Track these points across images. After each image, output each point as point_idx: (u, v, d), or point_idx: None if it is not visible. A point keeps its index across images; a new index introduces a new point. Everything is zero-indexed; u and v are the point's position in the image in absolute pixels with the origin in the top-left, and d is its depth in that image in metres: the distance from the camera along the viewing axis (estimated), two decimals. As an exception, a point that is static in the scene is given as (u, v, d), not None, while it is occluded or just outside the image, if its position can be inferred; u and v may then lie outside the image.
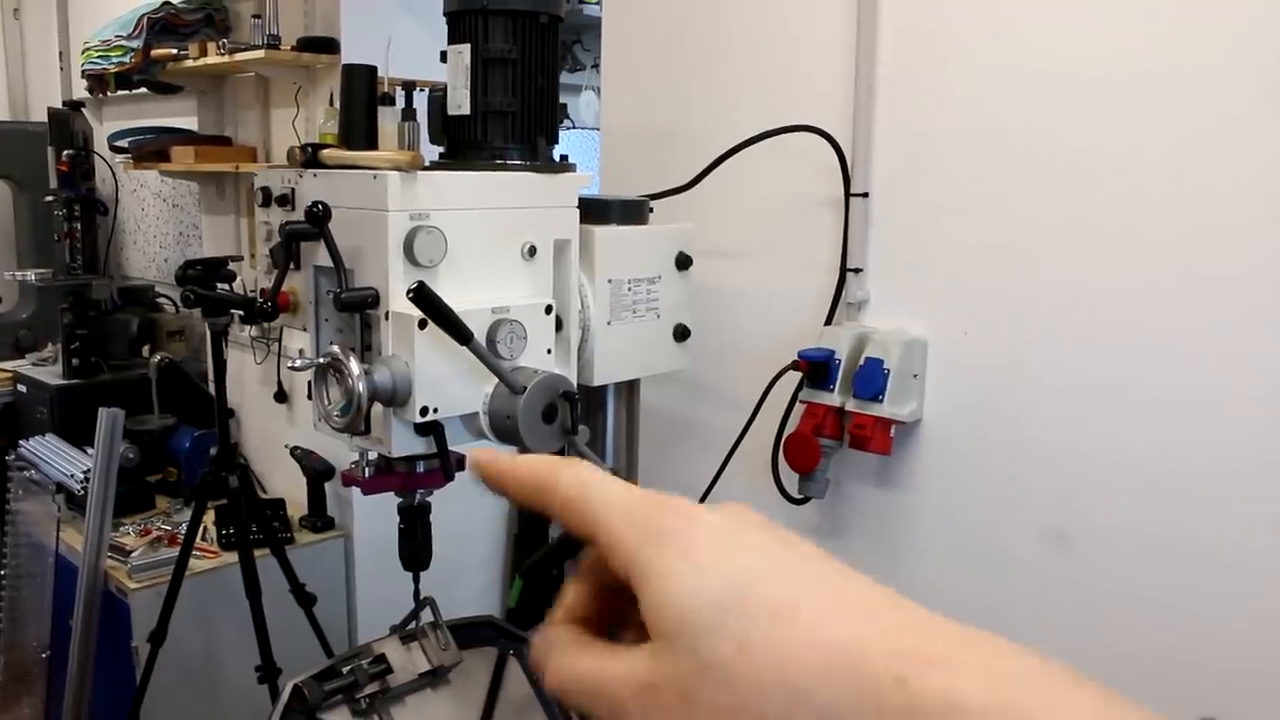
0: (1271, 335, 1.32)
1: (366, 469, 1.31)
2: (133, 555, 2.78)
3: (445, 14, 1.37)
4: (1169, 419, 1.41)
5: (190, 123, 3.54)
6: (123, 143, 3.47)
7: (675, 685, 0.32)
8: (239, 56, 2.92)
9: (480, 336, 1.19)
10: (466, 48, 1.34)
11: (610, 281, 1.44)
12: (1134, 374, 1.43)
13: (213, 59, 3.01)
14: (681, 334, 1.55)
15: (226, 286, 2.39)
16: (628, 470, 1.59)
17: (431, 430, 1.23)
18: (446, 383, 1.20)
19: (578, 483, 0.39)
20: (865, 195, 1.69)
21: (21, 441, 3.24)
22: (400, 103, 1.44)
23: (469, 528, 3.22)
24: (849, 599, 0.33)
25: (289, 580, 2.54)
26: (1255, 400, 1.33)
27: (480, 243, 1.26)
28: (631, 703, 0.34)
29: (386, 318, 1.19)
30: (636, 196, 1.56)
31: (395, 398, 1.18)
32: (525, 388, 1.20)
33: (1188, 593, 1.40)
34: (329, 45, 2.89)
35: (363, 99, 1.41)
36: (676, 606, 0.33)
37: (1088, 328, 1.47)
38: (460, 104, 1.36)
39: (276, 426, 3.30)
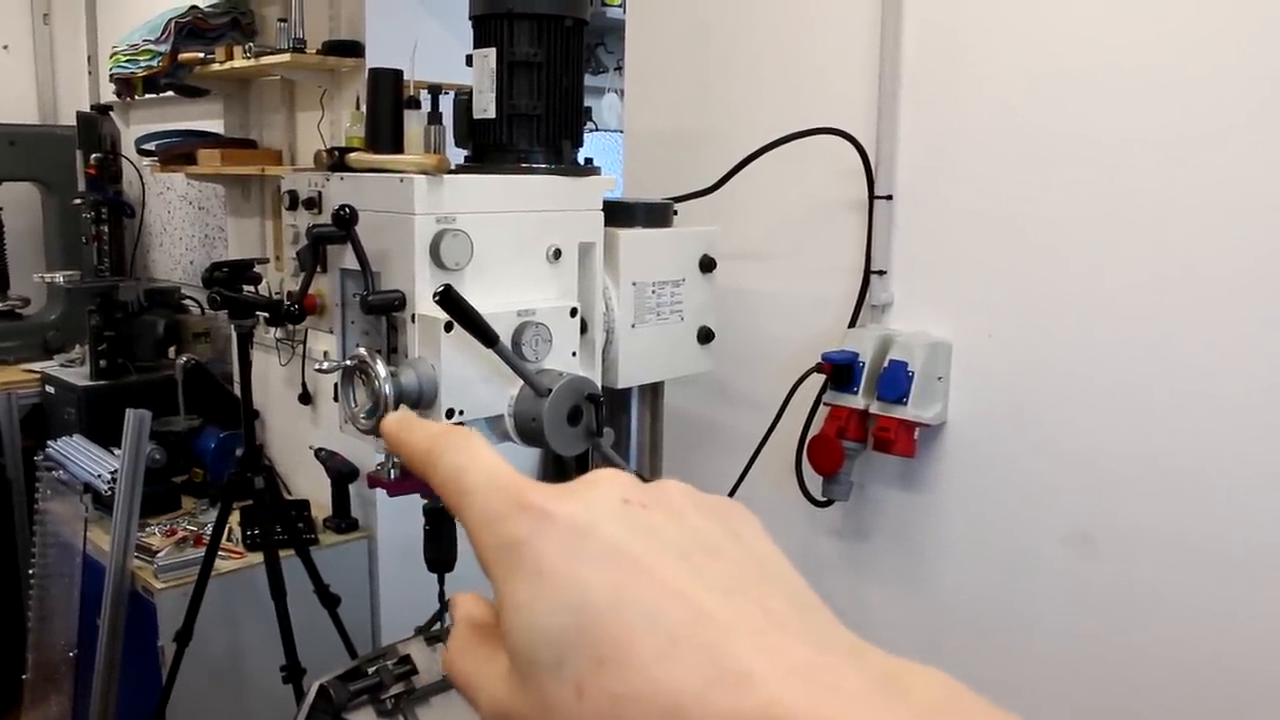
0: (1301, 338, 1.31)
1: (392, 471, 1.31)
2: (159, 555, 2.80)
3: (471, 18, 1.38)
4: (1195, 420, 1.40)
5: (216, 126, 3.56)
6: (150, 146, 3.51)
7: (524, 718, 0.32)
8: (265, 60, 2.94)
9: (506, 339, 1.20)
10: (492, 51, 1.34)
11: (634, 284, 1.44)
12: (1160, 375, 1.43)
13: (239, 62, 3.04)
14: (705, 336, 1.55)
15: (252, 289, 2.41)
16: (651, 473, 1.59)
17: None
18: (472, 385, 1.20)
19: (455, 469, 0.36)
20: (889, 198, 1.68)
21: (49, 442, 3.27)
22: (426, 106, 1.45)
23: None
24: (691, 626, 0.30)
25: (313, 581, 2.56)
26: (1284, 404, 1.32)
27: (506, 246, 1.26)
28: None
29: (413, 320, 1.20)
30: (660, 199, 1.56)
31: (421, 400, 1.19)
32: (550, 390, 1.20)
33: (1214, 595, 1.39)
34: (354, 49, 2.90)
35: (389, 102, 1.42)
36: (523, 641, 0.32)
37: (1113, 329, 1.47)
38: (485, 107, 1.36)
39: (301, 428, 3.32)
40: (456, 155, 1.40)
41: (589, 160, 1.44)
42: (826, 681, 0.28)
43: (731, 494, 1.82)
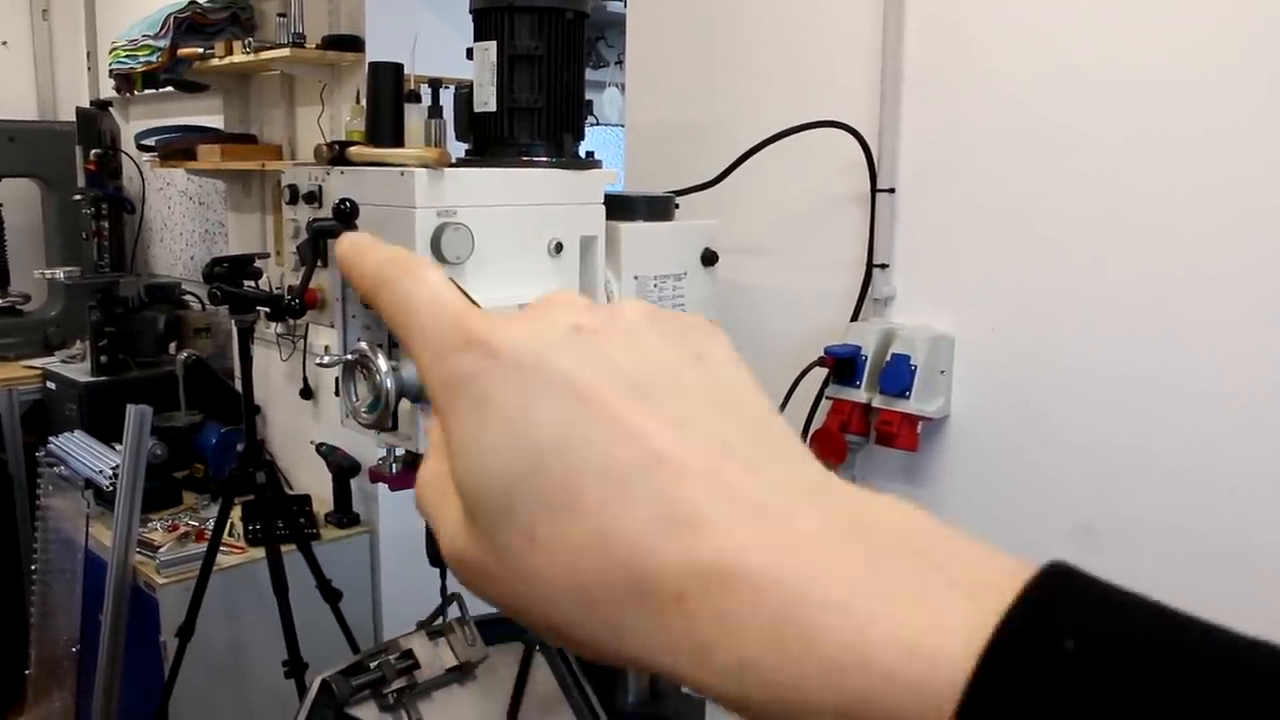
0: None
1: (394, 465, 1.31)
2: (161, 551, 2.80)
3: (471, 11, 1.37)
4: (1199, 414, 1.39)
5: (216, 121, 3.56)
6: (149, 141, 3.50)
7: (479, 566, 0.30)
8: (264, 55, 2.93)
9: (507, 333, 1.19)
10: (493, 45, 1.34)
11: (636, 278, 1.44)
12: (1163, 368, 1.42)
13: (238, 57, 3.03)
14: (707, 330, 1.54)
15: (253, 284, 2.41)
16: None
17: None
18: (474, 379, 1.20)
19: (400, 297, 0.34)
20: (891, 191, 1.68)
21: (51, 438, 3.27)
22: (426, 100, 1.45)
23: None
24: (643, 468, 0.28)
25: (315, 576, 2.56)
26: (1288, 396, 1.32)
27: (507, 239, 1.26)
28: (451, 566, 0.32)
29: (414, 314, 1.19)
30: (662, 193, 1.55)
31: (423, 394, 1.18)
32: (552, 384, 1.20)
33: (1218, 588, 1.39)
34: (354, 43, 2.90)
35: (389, 96, 1.42)
36: (471, 485, 0.30)
37: (1116, 323, 1.46)
38: (486, 101, 1.36)
39: (302, 423, 3.32)
40: (457, 149, 1.40)
41: (590, 154, 1.43)
42: (780, 525, 0.27)
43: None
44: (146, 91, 3.57)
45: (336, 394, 1.27)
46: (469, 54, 1.38)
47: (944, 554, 0.27)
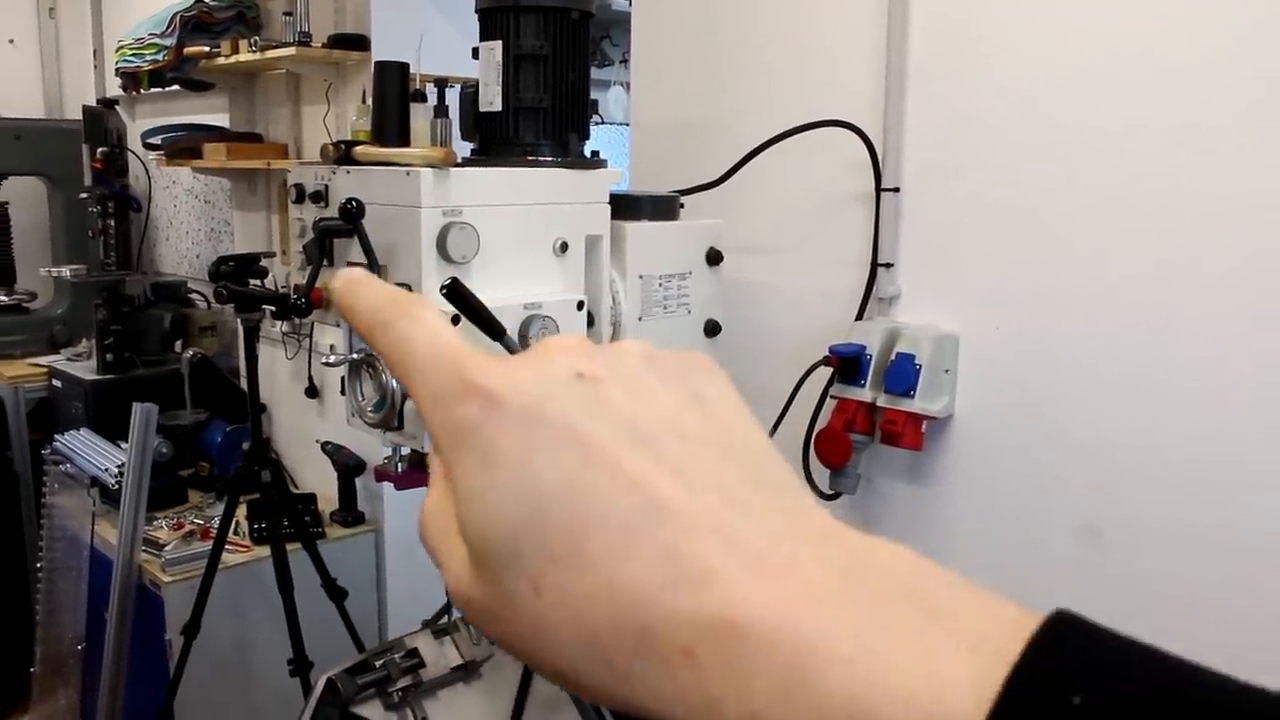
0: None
1: (399, 464, 1.32)
2: (166, 549, 2.81)
3: (477, 11, 1.37)
4: (1204, 411, 1.39)
5: (222, 119, 3.56)
6: (155, 140, 3.51)
7: (487, 609, 0.30)
8: (270, 54, 2.94)
9: (513, 332, 1.20)
10: (498, 44, 1.34)
11: (641, 277, 1.44)
12: (1168, 367, 1.42)
13: (244, 56, 3.04)
14: (712, 330, 1.55)
15: (259, 282, 2.41)
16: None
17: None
18: (479, 378, 1.20)
19: (400, 340, 0.34)
20: (896, 190, 1.68)
21: (57, 436, 3.28)
22: (432, 99, 1.45)
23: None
24: (647, 520, 0.28)
25: (320, 574, 2.56)
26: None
27: (512, 239, 1.26)
28: (458, 606, 0.32)
29: (419, 313, 1.19)
30: (667, 192, 1.56)
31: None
32: (557, 383, 1.20)
33: (1223, 586, 1.39)
34: (360, 42, 2.90)
35: (395, 95, 1.42)
36: (476, 534, 0.30)
37: (1121, 322, 1.46)
38: (492, 100, 1.36)
39: (308, 421, 3.33)
40: (463, 148, 1.40)
41: (595, 153, 1.44)
42: (785, 575, 0.27)
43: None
44: (153, 90, 3.57)
45: (342, 393, 1.27)
46: (474, 53, 1.38)
47: (945, 601, 0.27)
